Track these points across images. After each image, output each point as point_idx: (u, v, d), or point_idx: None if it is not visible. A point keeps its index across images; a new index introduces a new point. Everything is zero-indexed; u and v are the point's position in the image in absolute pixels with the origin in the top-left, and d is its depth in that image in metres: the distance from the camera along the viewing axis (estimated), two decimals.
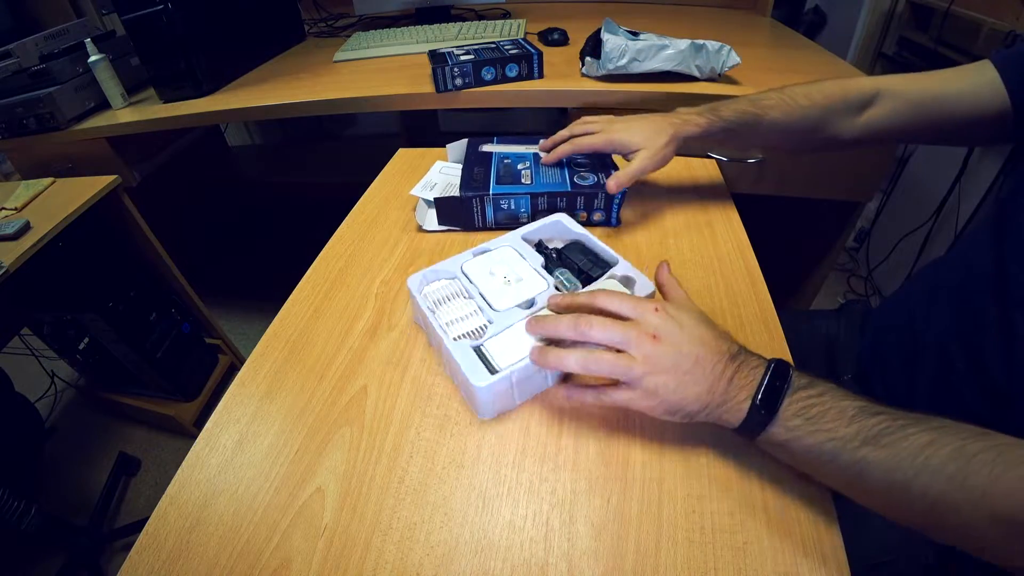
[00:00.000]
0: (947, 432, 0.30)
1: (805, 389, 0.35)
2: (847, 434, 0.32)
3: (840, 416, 0.33)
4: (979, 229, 0.52)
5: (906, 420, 0.32)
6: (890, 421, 0.32)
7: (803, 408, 0.34)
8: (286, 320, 0.56)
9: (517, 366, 0.42)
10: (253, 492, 0.41)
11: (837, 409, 0.33)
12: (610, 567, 0.35)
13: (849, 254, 1.73)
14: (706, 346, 0.37)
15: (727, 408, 0.36)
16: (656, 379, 0.37)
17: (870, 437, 0.32)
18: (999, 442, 0.29)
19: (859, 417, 0.32)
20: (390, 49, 1.16)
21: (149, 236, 1.17)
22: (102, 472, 1.29)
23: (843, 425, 0.33)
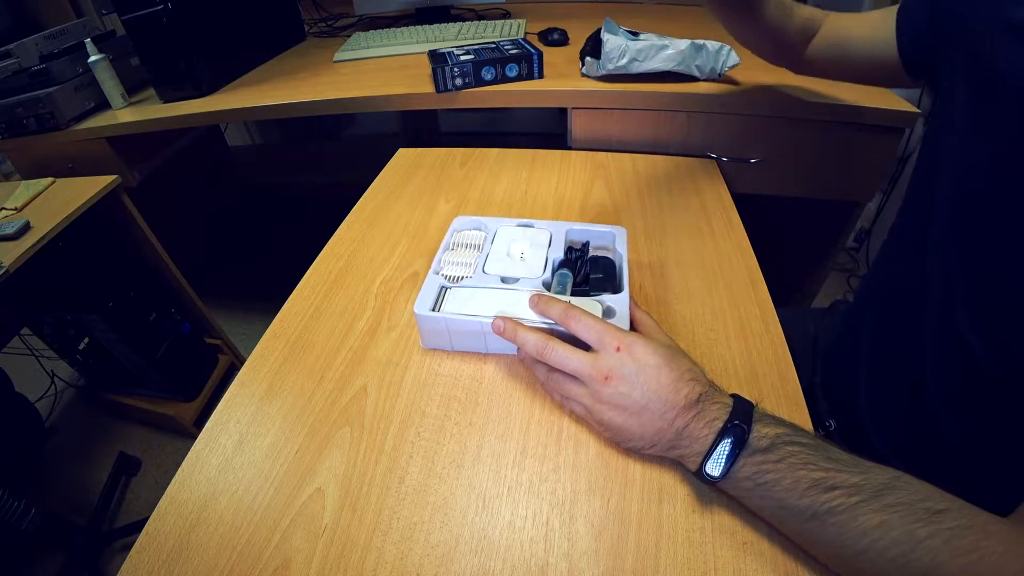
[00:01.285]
0: (899, 513, 0.30)
1: (763, 453, 0.34)
2: (796, 506, 0.32)
3: (793, 487, 0.32)
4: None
5: (862, 496, 0.31)
6: (844, 498, 0.31)
7: (756, 472, 0.33)
8: (286, 320, 0.56)
9: (457, 317, 0.47)
10: (253, 492, 0.41)
11: (792, 479, 0.32)
12: (610, 567, 0.35)
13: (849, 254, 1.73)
14: (657, 395, 0.37)
15: (679, 454, 0.37)
16: (604, 413, 0.39)
17: (819, 513, 0.31)
18: (950, 526, 0.29)
19: (811, 492, 0.32)
20: (390, 49, 1.16)
21: (149, 236, 1.17)
22: (102, 472, 1.29)
23: (794, 497, 0.32)
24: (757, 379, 0.46)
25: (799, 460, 0.33)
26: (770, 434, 0.34)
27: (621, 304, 0.46)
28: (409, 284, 0.59)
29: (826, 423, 0.57)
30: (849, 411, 0.56)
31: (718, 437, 0.35)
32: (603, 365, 0.38)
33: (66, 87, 1.08)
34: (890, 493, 0.31)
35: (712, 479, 0.35)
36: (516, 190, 0.73)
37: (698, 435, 0.35)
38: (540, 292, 0.48)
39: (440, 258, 0.54)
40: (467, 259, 0.53)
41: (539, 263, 0.52)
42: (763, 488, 0.33)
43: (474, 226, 0.58)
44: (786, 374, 0.46)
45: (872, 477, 0.32)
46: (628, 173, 0.75)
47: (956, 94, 0.43)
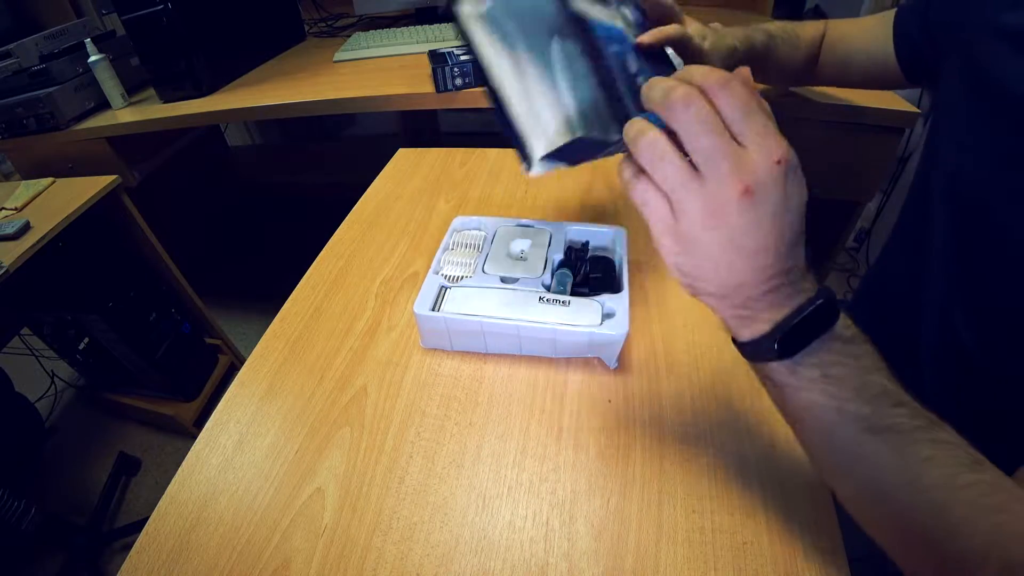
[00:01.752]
0: (947, 451, 0.27)
1: (844, 343, 0.28)
2: (857, 413, 0.27)
3: (862, 390, 0.27)
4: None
5: (921, 422, 0.27)
6: (907, 418, 0.27)
7: (829, 362, 0.28)
8: (286, 320, 0.56)
9: (456, 317, 0.47)
10: (253, 492, 0.41)
11: (862, 381, 0.28)
12: (610, 567, 0.35)
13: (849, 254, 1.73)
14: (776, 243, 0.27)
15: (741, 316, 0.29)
16: (704, 234, 0.27)
17: (879, 427, 0.27)
18: (987, 479, 0.27)
19: (880, 400, 0.27)
20: (390, 49, 1.16)
21: (149, 236, 1.17)
22: (102, 472, 1.29)
23: (859, 402, 0.27)
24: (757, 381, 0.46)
25: (875, 362, 0.28)
26: (852, 325, 0.28)
27: (621, 304, 0.46)
28: (409, 284, 0.59)
29: None
30: None
31: (802, 308, 0.28)
32: (750, 170, 0.26)
33: (66, 87, 1.08)
34: (941, 428, 0.27)
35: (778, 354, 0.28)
36: (516, 190, 0.73)
37: (779, 301, 0.28)
38: None
39: (440, 258, 0.54)
40: (467, 259, 0.53)
41: (539, 263, 0.52)
42: (828, 382, 0.28)
43: (474, 226, 0.58)
44: None
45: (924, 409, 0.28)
46: None
47: (952, 98, 0.43)
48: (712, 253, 0.28)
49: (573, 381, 0.46)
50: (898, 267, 0.51)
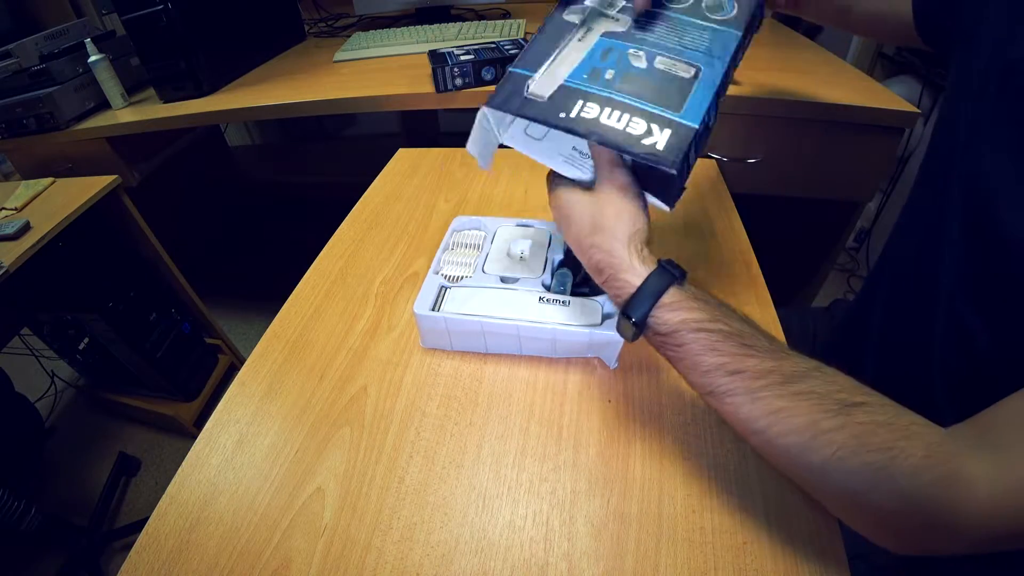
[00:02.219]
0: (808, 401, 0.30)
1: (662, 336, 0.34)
2: (695, 383, 0.34)
3: (693, 368, 0.33)
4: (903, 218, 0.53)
5: (765, 381, 0.31)
6: (747, 381, 0.31)
7: (658, 345, 0.35)
8: (286, 320, 0.56)
9: (456, 317, 0.47)
10: (253, 492, 0.41)
11: (691, 361, 0.33)
12: (610, 567, 0.35)
13: (849, 254, 1.73)
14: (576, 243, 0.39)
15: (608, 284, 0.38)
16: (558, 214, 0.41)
17: (716, 393, 0.32)
18: (861, 420, 0.28)
19: (711, 374, 0.32)
20: (390, 49, 1.16)
21: (149, 236, 1.17)
22: (102, 472, 1.29)
23: (694, 375, 0.34)
24: None
25: (701, 346, 0.33)
26: (672, 321, 0.34)
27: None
28: (409, 284, 0.59)
29: None
30: None
31: (620, 311, 0.36)
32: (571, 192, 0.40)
33: (66, 87, 1.08)
34: (802, 381, 0.30)
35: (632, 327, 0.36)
36: (516, 190, 0.73)
37: (612, 296, 0.37)
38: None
39: (440, 258, 0.54)
40: (467, 259, 0.53)
41: (539, 263, 0.52)
42: (669, 357, 0.35)
43: (474, 226, 0.58)
44: None
45: (787, 364, 0.31)
46: None
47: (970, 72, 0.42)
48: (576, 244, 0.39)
49: (573, 381, 0.46)
50: (908, 251, 0.50)
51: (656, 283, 0.35)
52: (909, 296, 0.49)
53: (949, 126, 0.45)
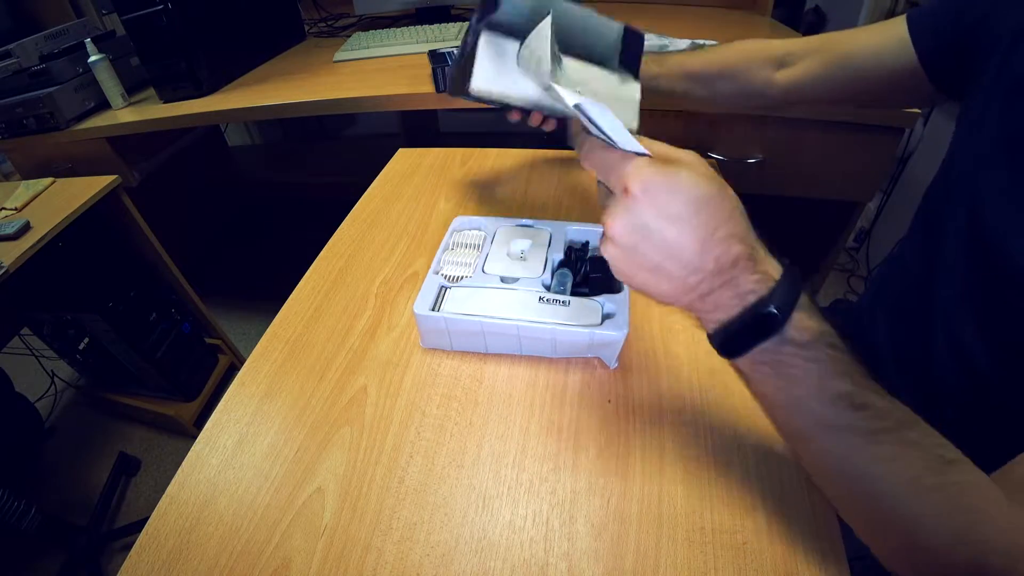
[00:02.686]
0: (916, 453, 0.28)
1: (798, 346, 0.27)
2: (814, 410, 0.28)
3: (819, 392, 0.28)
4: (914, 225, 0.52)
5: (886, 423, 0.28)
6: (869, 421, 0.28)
7: (782, 363, 0.28)
8: (286, 320, 0.56)
9: (456, 317, 0.47)
10: (253, 492, 0.41)
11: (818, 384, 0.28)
12: (610, 567, 0.35)
13: (849, 254, 1.73)
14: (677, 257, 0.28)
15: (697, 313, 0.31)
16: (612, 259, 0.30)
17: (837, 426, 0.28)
18: (956, 480, 0.27)
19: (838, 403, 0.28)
20: (390, 49, 1.16)
21: (149, 236, 1.17)
22: (102, 472, 1.29)
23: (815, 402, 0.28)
24: None
25: (836, 368, 0.27)
26: (813, 328, 0.27)
27: (621, 304, 0.46)
28: (409, 284, 0.59)
29: None
30: None
31: (746, 314, 0.28)
32: (609, 213, 0.29)
33: (66, 87, 1.08)
34: (912, 428, 0.28)
35: (723, 355, 0.30)
36: (516, 190, 0.73)
37: (722, 303, 0.29)
38: None
39: (440, 258, 0.54)
40: (467, 259, 0.53)
41: (539, 263, 0.52)
42: (783, 379, 0.28)
43: (474, 226, 0.58)
44: None
45: (898, 406, 0.28)
46: None
47: (980, 102, 0.42)
48: (629, 274, 0.30)
49: (573, 381, 0.46)
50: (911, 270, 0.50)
51: (793, 276, 0.28)
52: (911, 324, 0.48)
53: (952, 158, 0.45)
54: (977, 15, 0.43)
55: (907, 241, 0.52)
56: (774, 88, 0.58)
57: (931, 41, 0.48)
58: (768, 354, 0.28)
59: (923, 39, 0.48)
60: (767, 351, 0.28)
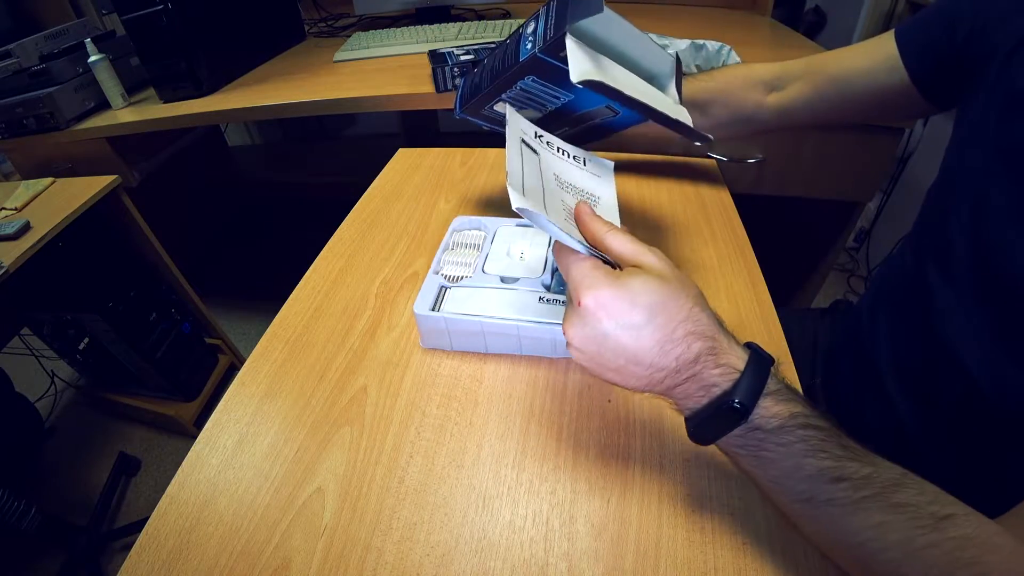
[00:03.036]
0: (905, 515, 0.28)
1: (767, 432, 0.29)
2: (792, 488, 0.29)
3: (793, 471, 0.29)
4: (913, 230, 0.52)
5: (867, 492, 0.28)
6: (849, 492, 0.28)
7: (754, 447, 0.29)
8: (286, 320, 0.56)
9: (456, 317, 0.46)
10: (253, 492, 0.41)
11: (793, 464, 0.29)
12: (610, 567, 0.35)
13: (849, 254, 1.73)
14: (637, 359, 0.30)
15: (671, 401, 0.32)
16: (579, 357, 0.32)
17: (816, 500, 0.29)
18: (952, 536, 0.27)
19: (814, 480, 0.29)
20: (390, 49, 1.16)
21: (149, 236, 1.17)
22: (102, 472, 1.29)
23: (792, 480, 0.29)
24: None
25: (809, 447, 0.28)
26: (782, 414, 0.29)
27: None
28: (409, 284, 0.59)
29: None
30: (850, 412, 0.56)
31: (711, 406, 0.29)
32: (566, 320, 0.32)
33: (66, 87, 1.08)
34: (899, 491, 0.28)
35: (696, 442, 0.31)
36: None
37: (691, 394, 0.30)
38: None
39: (440, 258, 0.54)
40: (467, 259, 0.53)
41: (539, 263, 0.52)
42: (758, 461, 0.30)
43: (474, 226, 0.58)
44: (786, 374, 0.46)
45: (882, 471, 0.29)
46: (628, 173, 0.75)
47: (978, 111, 0.41)
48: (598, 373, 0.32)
49: (573, 381, 0.46)
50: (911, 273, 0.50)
51: (758, 366, 0.29)
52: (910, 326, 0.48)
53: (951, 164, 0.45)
54: (971, 26, 0.43)
55: (908, 243, 0.52)
56: (764, 111, 0.58)
57: (921, 57, 0.47)
58: (739, 439, 0.29)
59: (913, 55, 0.48)
60: (738, 437, 0.29)
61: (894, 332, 0.51)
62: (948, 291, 0.43)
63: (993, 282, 0.39)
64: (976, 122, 0.42)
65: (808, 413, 0.29)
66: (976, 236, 0.41)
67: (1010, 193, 0.38)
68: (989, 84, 0.40)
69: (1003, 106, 0.39)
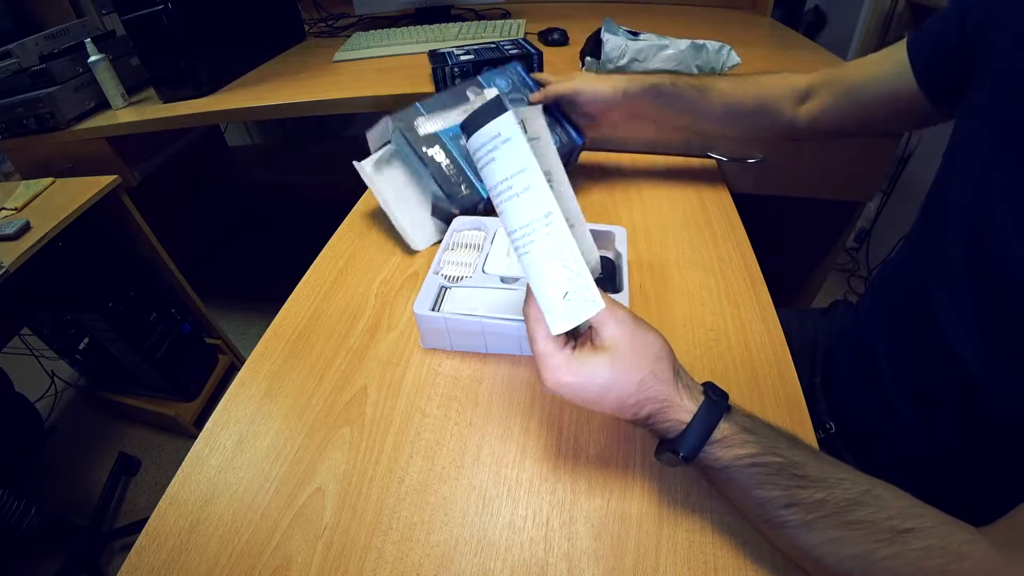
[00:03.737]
0: (862, 531, 0.30)
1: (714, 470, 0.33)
2: (750, 511, 0.33)
3: (744, 499, 0.33)
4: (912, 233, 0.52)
5: (820, 513, 0.31)
6: (800, 515, 0.31)
7: (709, 476, 0.34)
8: (286, 320, 0.56)
9: (457, 317, 0.47)
10: (253, 492, 0.41)
11: (741, 494, 0.33)
12: (610, 567, 0.35)
13: (849, 254, 1.73)
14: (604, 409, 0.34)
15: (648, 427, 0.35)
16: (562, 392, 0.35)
17: (772, 523, 0.32)
18: (915, 547, 0.29)
19: (764, 506, 0.32)
20: (390, 49, 1.16)
21: (149, 236, 1.17)
22: (102, 472, 1.29)
23: (747, 506, 0.33)
24: (757, 379, 0.46)
25: (756, 480, 0.32)
26: (724, 458, 0.33)
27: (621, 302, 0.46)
28: (409, 284, 0.59)
29: (826, 425, 0.57)
30: (850, 413, 0.56)
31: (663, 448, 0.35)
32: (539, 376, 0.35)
33: (66, 87, 1.08)
34: (856, 510, 0.30)
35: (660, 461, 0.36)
36: None
37: (653, 431, 0.35)
38: None
39: (440, 258, 0.54)
40: (467, 259, 0.53)
41: None
42: (717, 484, 0.35)
43: (474, 226, 0.58)
44: (786, 374, 0.46)
45: (839, 493, 0.31)
46: (628, 173, 0.75)
47: (978, 100, 0.42)
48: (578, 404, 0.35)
49: None
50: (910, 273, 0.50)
51: (706, 419, 0.33)
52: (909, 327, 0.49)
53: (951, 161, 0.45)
54: (977, 21, 0.43)
55: (907, 245, 0.52)
56: (799, 121, 0.59)
57: (928, 60, 0.48)
58: (696, 468, 0.34)
59: (920, 59, 0.48)
60: (695, 465, 0.34)
61: (893, 333, 0.51)
62: (945, 292, 0.44)
63: (990, 281, 0.40)
64: (977, 109, 0.42)
65: (755, 453, 0.32)
66: (974, 236, 0.41)
67: (1015, 189, 0.38)
68: (992, 71, 0.41)
69: (1006, 91, 0.39)
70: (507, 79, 0.69)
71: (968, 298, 0.41)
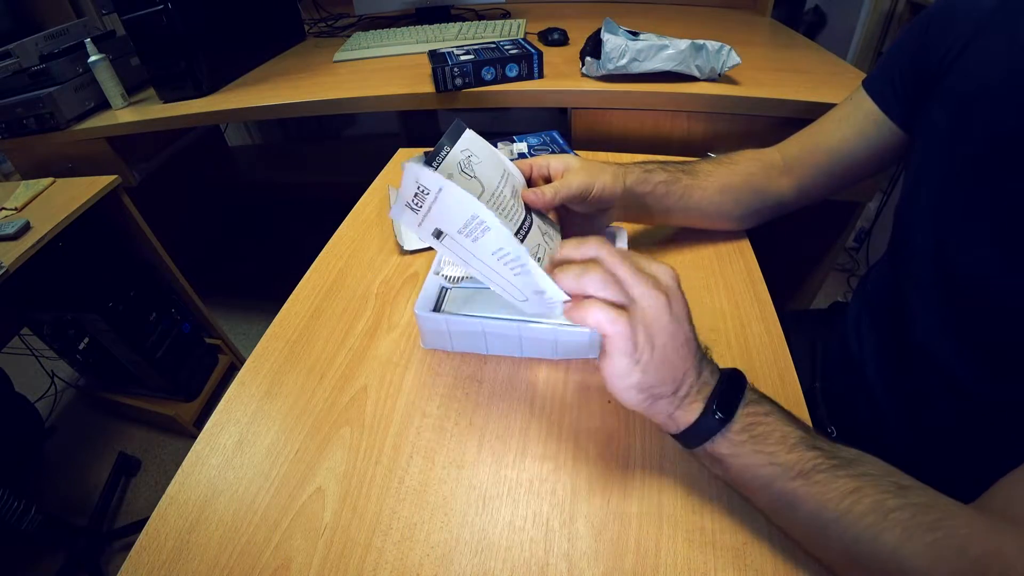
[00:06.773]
0: (871, 482, 0.31)
1: (755, 404, 0.34)
2: (786, 461, 0.32)
3: (783, 441, 0.32)
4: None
5: (838, 461, 0.32)
6: (825, 458, 0.32)
7: (750, 424, 0.33)
8: (286, 320, 0.56)
9: (457, 317, 0.46)
10: (253, 492, 0.41)
11: (780, 433, 0.33)
12: (610, 567, 0.35)
13: (849, 254, 1.73)
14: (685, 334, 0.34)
15: (685, 404, 0.34)
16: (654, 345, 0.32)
17: (805, 471, 0.31)
18: (915, 501, 0.30)
19: (799, 447, 0.32)
20: (390, 49, 1.16)
21: (149, 236, 1.17)
22: (102, 472, 1.29)
23: (784, 451, 0.32)
24: (757, 380, 0.46)
25: (783, 416, 0.34)
26: (756, 390, 0.35)
27: None
28: (409, 284, 0.59)
29: (827, 429, 0.57)
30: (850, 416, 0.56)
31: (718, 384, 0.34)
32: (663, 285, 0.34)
33: (66, 87, 1.08)
34: (860, 463, 0.32)
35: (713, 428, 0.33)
36: None
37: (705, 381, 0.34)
38: None
39: (440, 258, 0.54)
40: None
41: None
42: (756, 442, 0.33)
43: None
44: (786, 375, 0.46)
45: (841, 447, 0.33)
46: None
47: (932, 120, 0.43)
48: (668, 356, 0.32)
49: (573, 381, 0.46)
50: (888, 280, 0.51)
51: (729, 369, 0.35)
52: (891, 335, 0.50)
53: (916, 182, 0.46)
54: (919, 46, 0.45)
55: (887, 249, 0.53)
56: (787, 194, 0.58)
57: (893, 95, 0.48)
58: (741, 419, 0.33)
59: (886, 98, 0.49)
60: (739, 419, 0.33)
61: (876, 336, 0.52)
62: (916, 293, 0.45)
63: (951, 281, 0.41)
64: (931, 129, 0.43)
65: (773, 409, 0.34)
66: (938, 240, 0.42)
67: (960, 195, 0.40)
68: (941, 92, 0.42)
69: (953, 112, 0.41)
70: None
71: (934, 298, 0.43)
